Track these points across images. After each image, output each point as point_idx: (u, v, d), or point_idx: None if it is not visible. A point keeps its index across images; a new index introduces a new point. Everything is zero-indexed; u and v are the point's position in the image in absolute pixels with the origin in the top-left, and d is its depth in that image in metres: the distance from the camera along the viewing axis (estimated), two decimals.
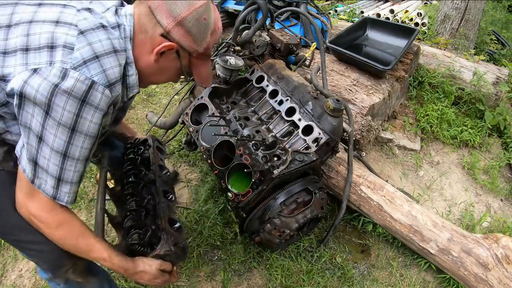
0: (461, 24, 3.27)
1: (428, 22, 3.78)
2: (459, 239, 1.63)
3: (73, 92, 0.83)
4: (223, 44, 2.26)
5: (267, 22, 2.28)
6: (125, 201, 1.40)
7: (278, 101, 1.78)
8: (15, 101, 0.84)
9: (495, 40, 3.92)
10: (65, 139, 0.87)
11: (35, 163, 0.90)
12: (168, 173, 1.55)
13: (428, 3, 4.42)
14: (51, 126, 0.85)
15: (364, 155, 2.35)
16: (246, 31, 2.15)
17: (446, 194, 2.26)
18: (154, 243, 1.19)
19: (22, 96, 0.83)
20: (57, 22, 0.88)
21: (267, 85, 1.87)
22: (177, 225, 1.31)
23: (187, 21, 0.93)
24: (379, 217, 1.84)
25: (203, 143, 1.69)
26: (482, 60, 2.88)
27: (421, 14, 3.95)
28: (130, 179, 1.47)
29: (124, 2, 1.07)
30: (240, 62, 1.88)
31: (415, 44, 2.64)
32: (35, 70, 0.83)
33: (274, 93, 1.83)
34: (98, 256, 1.06)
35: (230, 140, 1.58)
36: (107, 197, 1.43)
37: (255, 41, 2.15)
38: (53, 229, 0.98)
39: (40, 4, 0.92)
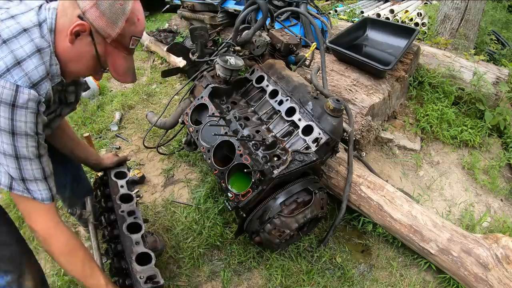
0: (461, 24, 3.27)
1: (428, 22, 3.78)
2: (459, 239, 1.63)
3: (2, 99, 0.89)
4: (223, 44, 2.26)
5: (267, 22, 2.28)
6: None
7: (278, 101, 1.78)
8: None
9: (495, 40, 3.92)
10: (10, 142, 0.94)
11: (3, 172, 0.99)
12: (132, 200, 1.51)
13: (428, 3, 4.42)
14: None
15: (364, 155, 2.35)
16: (246, 31, 2.15)
17: (446, 194, 2.26)
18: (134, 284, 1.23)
19: None
20: None
21: (267, 85, 1.87)
22: (151, 254, 1.30)
23: (102, 3, 0.95)
24: (379, 217, 1.84)
25: (203, 143, 1.69)
26: (482, 60, 2.87)
27: (421, 14, 3.95)
28: (103, 223, 1.48)
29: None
30: (240, 62, 1.88)
31: (415, 44, 2.64)
32: None
33: (274, 93, 1.83)
34: (95, 282, 1.15)
35: (230, 140, 1.58)
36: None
37: (255, 41, 2.15)
38: (63, 256, 1.11)
39: None
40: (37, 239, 1.12)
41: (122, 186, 1.55)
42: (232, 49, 2.16)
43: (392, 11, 4.24)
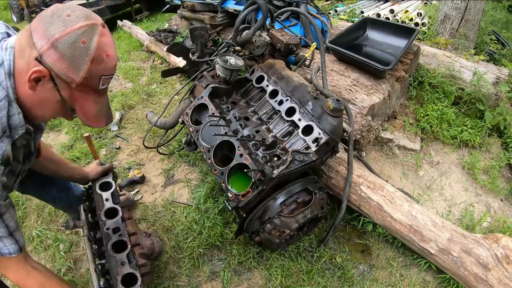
0: (461, 24, 3.27)
1: (428, 22, 3.78)
2: (459, 239, 1.63)
3: None
4: (223, 44, 2.27)
5: (267, 22, 2.28)
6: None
7: (278, 101, 1.78)
8: None
9: (495, 40, 3.92)
10: None
11: None
12: (118, 215, 1.46)
13: (428, 3, 4.42)
14: None
15: (364, 155, 2.35)
16: (246, 31, 2.15)
17: (446, 194, 2.26)
18: None
19: None
20: None
21: (267, 85, 1.87)
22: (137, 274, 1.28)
23: (61, 43, 0.82)
24: (379, 217, 1.84)
25: (203, 143, 1.69)
26: (482, 60, 2.87)
27: (421, 14, 3.95)
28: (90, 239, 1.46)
29: (12, 32, 1.01)
30: (240, 62, 1.88)
31: (415, 44, 2.64)
32: None
33: (274, 93, 1.83)
34: None
35: (230, 140, 1.58)
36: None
37: (255, 41, 2.15)
38: None
39: None
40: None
41: (107, 199, 1.50)
42: (232, 49, 2.16)
43: (392, 11, 4.24)
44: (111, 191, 1.54)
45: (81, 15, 0.86)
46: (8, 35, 0.97)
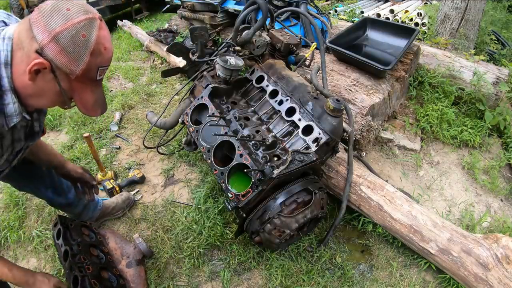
0: (461, 24, 3.27)
1: (428, 22, 3.78)
2: (459, 239, 1.63)
3: None
4: (223, 44, 2.27)
5: (267, 22, 2.28)
6: None
7: (278, 101, 1.78)
8: None
9: (495, 40, 3.92)
10: None
11: None
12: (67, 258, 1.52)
13: (428, 3, 4.42)
14: None
15: (364, 155, 2.35)
16: (246, 31, 2.15)
17: (446, 194, 2.26)
18: None
19: None
20: None
21: (267, 85, 1.87)
22: None
23: (62, 36, 0.85)
24: (379, 217, 1.84)
25: (203, 143, 1.69)
26: (482, 60, 2.87)
27: (421, 14, 3.95)
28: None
29: (10, 20, 1.03)
30: (240, 62, 1.88)
31: (415, 44, 2.64)
32: None
33: (274, 93, 1.83)
34: None
35: (230, 140, 1.58)
36: None
37: (255, 41, 2.15)
38: None
39: None
40: None
41: (62, 246, 1.58)
42: (232, 49, 2.16)
43: (392, 11, 4.25)
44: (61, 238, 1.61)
45: (81, 10, 0.88)
46: (5, 24, 0.99)
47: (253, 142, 1.57)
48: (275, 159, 1.56)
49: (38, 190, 1.62)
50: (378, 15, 4.22)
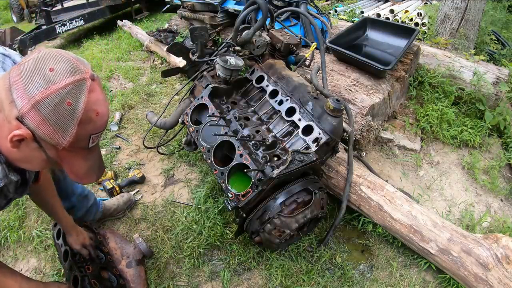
0: (461, 24, 3.27)
1: (428, 22, 3.78)
2: (459, 239, 1.63)
3: None
4: (223, 44, 2.27)
5: (267, 22, 2.28)
6: None
7: (278, 101, 1.78)
8: None
9: (495, 40, 3.91)
10: None
11: None
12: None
13: (428, 3, 4.42)
14: None
15: (364, 155, 2.35)
16: (246, 31, 2.15)
17: (446, 194, 2.26)
18: None
19: None
20: None
21: (267, 85, 1.87)
22: None
23: (43, 105, 0.73)
24: (379, 217, 1.84)
25: (203, 143, 1.69)
26: (482, 60, 2.87)
27: (421, 14, 3.95)
28: None
29: (4, 63, 0.98)
30: (240, 62, 1.88)
31: (415, 44, 2.64)
32: None
33: (274, 93, 1.83)
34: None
35: (230, 140, 1.58)
36: None
37: (255, 41, 2.15)
38: None
39: None
40: None
41: (62, 246, 1.61)
42: (232, 49, 2.16)
43: (392, 11, 4.24)
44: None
45: (67, 69, 0.76)
46: None
47: (253, 142, 1.57)
48: (275, 159, 1.56)
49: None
50: (378, 15, 4.21)
